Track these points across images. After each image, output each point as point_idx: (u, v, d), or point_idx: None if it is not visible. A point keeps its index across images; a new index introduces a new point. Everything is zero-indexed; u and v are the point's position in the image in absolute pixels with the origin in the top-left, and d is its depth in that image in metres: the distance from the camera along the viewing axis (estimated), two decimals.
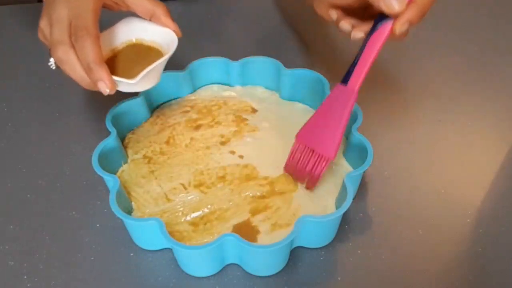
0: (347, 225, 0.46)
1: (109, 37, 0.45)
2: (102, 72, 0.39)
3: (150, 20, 0.45)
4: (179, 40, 0.45)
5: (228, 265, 0.44)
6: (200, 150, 0.50)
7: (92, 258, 0.44)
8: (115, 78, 0.40)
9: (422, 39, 0.69)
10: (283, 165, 0.48)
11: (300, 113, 0.54)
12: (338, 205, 0.45)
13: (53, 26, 0.40)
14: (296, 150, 0.46)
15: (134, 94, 0.50)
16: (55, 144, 0.54)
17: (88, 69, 0.39)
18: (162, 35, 0.45)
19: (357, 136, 0.46)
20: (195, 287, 0.42)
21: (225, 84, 0.57)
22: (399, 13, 0.39)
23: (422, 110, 0.58)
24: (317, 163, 0.45)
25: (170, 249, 0.44)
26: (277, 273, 0.43)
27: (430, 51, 0.67)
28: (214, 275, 0.43)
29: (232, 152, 0.50)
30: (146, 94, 0.52)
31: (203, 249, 0.39)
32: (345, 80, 0.44)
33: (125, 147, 0.51)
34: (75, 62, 0.39)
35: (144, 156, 0.50)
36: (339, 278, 0.43)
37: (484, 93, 0.61)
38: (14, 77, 0.63)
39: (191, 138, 0.51)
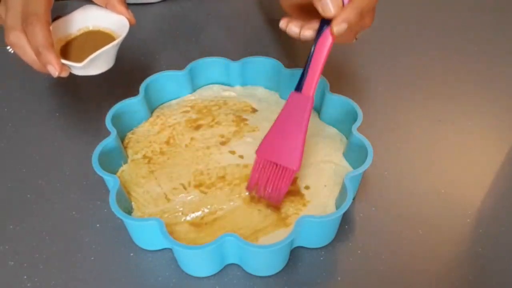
0: (347, 225, 0.46)
1: (66, 24, 0.47)
2: (50, 56, 0.40)
3: (106, 7, 0.47)
4: (179, 39, 0.45)
5: (228, 265, 0.44)
6: (200, 150, 0.50)
7: (92, 258, 0.44)
8: (64, 61, 0.42)
9: (422, 39, 0.69)
10: None
11: None
12: (338, 205, 0.45)
13: (8, 12, 0.42)
14: (257, 167, 0.44)
15: (132, 94, 0.50)
16: (55, 144, 0.54)
17: (37, 53, 0.41)
18: (116, 22, 0.47)
19: (357, 136, 0.46)
20: (195, 287, 0.42)
21: (225, 84, 0.57)
22: (334, 16, 0.39)
23: (422, 110, 0.58)
24: (281, 177, 0.43)
25: (170, 249, 0.44)
26: (277, 273, 0.43)
27: (430, 51, 0.67)
28: (214, 275, 0.43)
29: (232, 152, 0.50)
30: (146, 94, 0.52)
31: (203, 249, 0.39)
32: (298, 87, 0.43)
33: (125, 147, 0.51)
34: (26, 46, 0.41)
35: (144, 156, 0.50)
36: (339, 278, 0.43)
37: (484, 93, 0.61)
38: (14, 77, 0.62)
39: (191, 138, 0.51)
